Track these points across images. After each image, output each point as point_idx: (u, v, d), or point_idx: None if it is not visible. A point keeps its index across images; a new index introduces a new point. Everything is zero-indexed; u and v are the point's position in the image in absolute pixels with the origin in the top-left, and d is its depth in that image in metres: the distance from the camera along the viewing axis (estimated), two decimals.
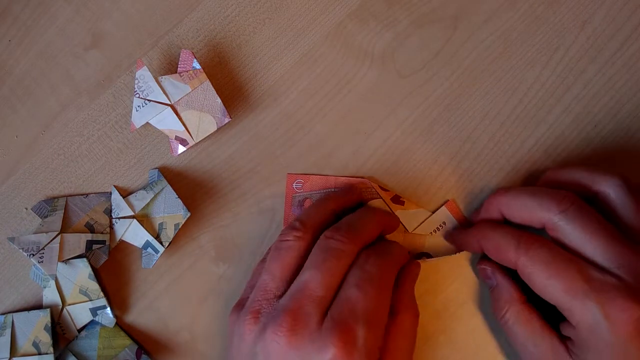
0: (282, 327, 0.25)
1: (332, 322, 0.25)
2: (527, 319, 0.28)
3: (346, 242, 0.27)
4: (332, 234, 0.28)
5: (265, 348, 0.26)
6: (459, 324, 0.32)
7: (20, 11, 0.35)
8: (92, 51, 0.35)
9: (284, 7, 0.35)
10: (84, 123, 0.34)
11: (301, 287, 0.26)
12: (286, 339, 0.25)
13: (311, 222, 0.29)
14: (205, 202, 0.34)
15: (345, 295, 0.26)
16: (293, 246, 0.28)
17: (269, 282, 0.28)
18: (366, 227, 0.29)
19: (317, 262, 0.27)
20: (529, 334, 0.28)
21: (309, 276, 0.26)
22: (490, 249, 0.29)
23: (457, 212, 0.33)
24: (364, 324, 0.25)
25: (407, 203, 0.33)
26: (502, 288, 0.30)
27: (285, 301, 0.26)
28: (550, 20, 0.34)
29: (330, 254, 0.27)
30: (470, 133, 0.34)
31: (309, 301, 0.26)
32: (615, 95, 0.33)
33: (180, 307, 0.33)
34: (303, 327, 0.25)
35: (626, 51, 0.33)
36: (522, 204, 0.29)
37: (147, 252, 0.32)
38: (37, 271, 0.33)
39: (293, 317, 0.25)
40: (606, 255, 0.26)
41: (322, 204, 0.31)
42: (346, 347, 0.24)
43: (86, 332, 0.32)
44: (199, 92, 0.32)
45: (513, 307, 0.29)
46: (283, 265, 0.28)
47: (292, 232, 0.29)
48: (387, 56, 0.34)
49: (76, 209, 0.33)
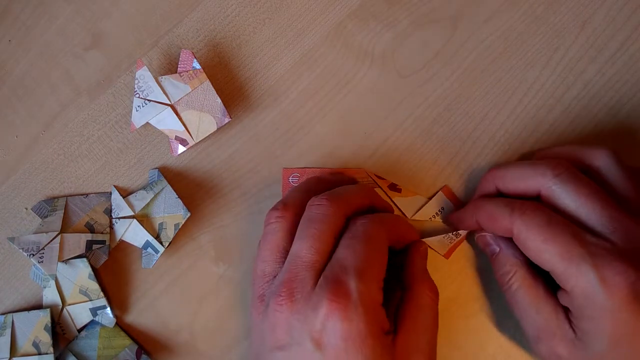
0: (281, 297, 0.25)
1: (325, 280, 0.25)
2: (532, 283, 0.28)
3: (328, 205, 0.27)
4: (313, 201, 0.28)
5: (270, 322, 0.26)
6: (459, 324, 0.32)
7: (20, 11, 0.35)
8: (92, 51, 0.35)
9: (284, 7, 0.35)
10: (84, 123, 0.34)
11: (292, 258, 0.26)
12: (287, 306, 0.25)
13: (292, 201, 0.29)
14: (205, 202, 0.34)
15: (336, 257, 0.26)
16: (276, 227, 0.28)
17: (264, 267, 0.28)
18: (351, 195, 0.29)
19: (303, 231, 0.27)
20: (533, 299, 0.27)
21: (298, 245, 0.27)
22: (485, 220, 0.29)
23: (454, 197, 0.33)
24: (355, 277, 0.25)
25: (404, 190, 0.33)
26: (506, 252, 0.29)
27: (280, 275, 0.26)
28: (550, 20, 0.34)
29: (314, 219, 0.27)
30: (470, 133, 0.34)
31: (302, 268, 0.26)
32: (615, 95, 0.33)
33: (180, 307, 0.33)
34: (300, 292, 0.25)
35: (626, 51, 0.33)
36: (516, 173, 0.29)
37: (147, 252, 0.32)
38: (37, 271, 0.33)
39: (289, 285, 0.25)
40: (601, 219, 0.26)
41: (304, 184, 0.31)
42: (340, 300, 0.24)
43: (86, 332, 0.32)
44: (199, 92, 0.32)
45: (519, 270, 0.28)
46: (272, 248, 0.28)
47: (274, 214, 0.29)
48: (387, 56, 0.34)
49: (76, 209, 0.33)
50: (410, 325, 0.27)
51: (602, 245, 0.25)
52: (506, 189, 0.29)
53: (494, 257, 0.30)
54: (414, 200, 0.33)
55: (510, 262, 0.29)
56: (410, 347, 0.26)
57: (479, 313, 0.32)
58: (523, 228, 0.27)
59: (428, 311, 0.28)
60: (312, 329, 0.24)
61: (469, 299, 0.33)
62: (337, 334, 0.24)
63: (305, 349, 0.24)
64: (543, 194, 0.28)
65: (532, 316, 0.27)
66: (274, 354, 0.25)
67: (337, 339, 0.24)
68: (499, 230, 0.28)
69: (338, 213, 0.27)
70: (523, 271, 0.28)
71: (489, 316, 0.32)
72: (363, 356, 0.24)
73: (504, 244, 0.30)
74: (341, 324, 0.24)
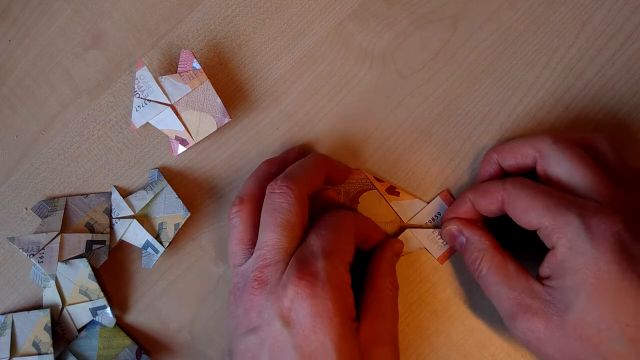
0: (256, 282, 0.26)
1: (294, 260, 0.26)
2: (501, 263, 0.28)
3: (287, 191, 0.27)
4: (272, 187, 0.28)
5: (243, 307, 0.26)
6: (458, 324, 0.32)
7: (20, 11, 0.35)
8: (92, 51, 0.35)
9: (284, 7, 0.35)
10: (84, 123, 0.34)
11: (262, 246, 0.27)
12: (260, 290, 0.26)
13: (246, 191, 0.30)
14: (205, 202, 0.34)
15: (305, 242, 0.27)
16: (236, 222, 0.29)
17: (234, 260, 0.29)
18: (306, 171, 0.29)
19: (269, 221, 0.27)
20: (503, 277, 0.28)
21: (267, 235, 0.27)
22: (478, 196, 0.30)
23: (452, 202, 0.33)
24: (322, 257, 0.26)
25: (402, 194, 0.33)
26: (473, 239, 0.30)
27: (252, 262, 0.27)
28: (550, 20, 0.34)
29: (278, 209, 0.27)
30: (470, 133, 0.34)
31: (272, 253, 0.27)
32: (615, 95, 0.33)
33: (180, 307, 0.33)
34: (272, 275, 0.26)
35: (626, 51, 0.33)
36: (516, 142, 0.30)
37: (147, 252, 0.32)
38: (37, 271, 0.33)
39: (261, 271, 0.26)
40: (593, 187, 0.26)
41: (256, 171, 0.32)
42: (307, 277, 0.25)
43: (86, 332, 0.32)
44: (199, 92, 0.32)
45: (487, 253, 0.29)
46: (237, 242, 0.29)
47: (232, 210, 0.29)
48: (387, 56, 0.34)
49: (76, 209, 0.33)
50: (373, 315, 0.27)
51: (590, 202, 0.26)
52: (505, 162, 0.30)
53: (463, 248, 0.30)
54: (412, 204, 0.33)
55: (478, 247, 0.29)
56: (373, 335, 0.27)
57: (479, 313, 0.32)
58: (513, 191, 0.28)
59: (389, 302, 0.28)
60: (281, 307, 0.25)
61: (468, 299, 0.33)
62: (304, 310, 0.24)
63: (275, 328, 0.25)
64: (539, 160, 0.29)
65: (505, 294, 0.27)
66: (247, 336, 0.26)
67: (305, 316, 0.24)
68: (491, 203, 0.29)
69: (300, 197, 0.28)
70: (490, 253, 0.29)
71: (489, 316, 0.32)
72: (330, 334, 0.24)
73: (470, 232, 0.30)
74: (309, 301, 0.24)
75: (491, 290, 0.28)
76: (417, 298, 0.32)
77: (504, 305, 0.27)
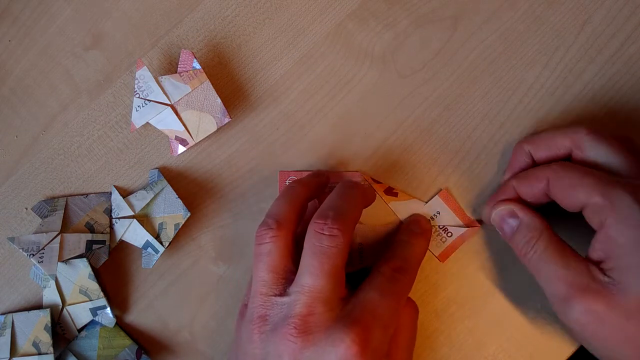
0: (295, 328, 0.25)
1: (351, 319, 0.26)
2: (559, 243, 0.28)
3: (339, 234, 0.27)
4: (321, 227, 0.27)
5: (277, 348, 0.26)
6: (459, 324, 0.32)
7: (20, 11, 0.35)
8: (92, 51, 0.35)
9: (284, 7, 0.35)
10: (84, 123, 0.34)
11: (308, 292, 0.26)
12: (301, 337, 0.25)
13: (284, 217, 0.29)
14: (205, 202, 0.34)
15: (366, 297, 0.27)
16: (271, 248, 0.28)
17: (262, 288, 0.27)
18: (352, 208, 0.29)
19: (318, 266, 0.26)
20: (561, 257, 0.27)
21: (314, 281, 0.26)
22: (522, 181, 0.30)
23: (451, 200, 0.33)
24: (381, 327, 0.26)
25: (400, 194, 0.33)
26: (528, 220, 0.29)
27: (293, 305, 0.26)
28: (550, 20, 0.34)
29: (329, 255, 0.26)
30: (470, 133, 0.34)
31: (319, 302, 0.26)
32: (615, 95, 0.33)
33: (180, 307, 0.33)
34: (317, 325, 0.26)
35: (626, 51, 0.33)
36: (548, 135, 0.31)
37: (147, 252, 0.32)
38: (37, 271, 0.33)
39: (305, 319, 0.26)
40: (632, 169, 0.27)
41: (291, 192, 0.30)
42: (362, 343, 0.25)
43: (86, 332, 0.32)
44: (199, 92, 0.32)
45: (545, 232, 0.28)
46: (271, 270, 0.28)
47: (268, 234, 0.28)
48: (387, 56, 0.34)
49: (76, 209, 0.33)
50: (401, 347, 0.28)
51: (635, 181, 0.26)
52: (538, 152, 0.31)
53: (514, 231, 0.30)
54: (410, 204, 0.33)
55: (535, 226, 0.29)
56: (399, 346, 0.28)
57: (479, 313, 0.32)
58: (561, 169, 0.28)
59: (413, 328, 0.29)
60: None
61: (468, 299, 0.33)
62: None
63: None
64: (575, 150, 0.29)
65: (562, 275, 0.26)
66: None
67: None
68: (534, 183, 0.29)
69: (348, 240, 0.27)
70: (548, 232, 0.28)
71: (489, 316, 0.32)
72: None
73: (524, 213, 0.29)
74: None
75: (544, 271, 0.27)
76: (417, 298, 0.32)
77: (559, 287, 0.26)
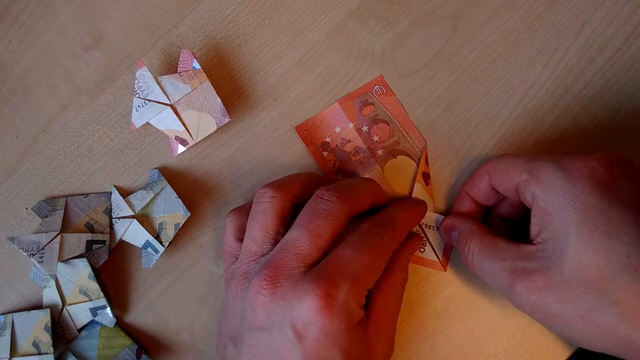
0: (266, 280, 0.26)
1: (317, 273, 0.25)
2: (491, 241, 0.28)
3: (336, 202, 0.27)
4: (322, 192, 0.28)
5: (251, 302, 0.26)
6: (459, 324, 0.32)
7: (20, 11, 0.35)
8: (92, 51, 0.35)
9: (284, 7, 0.35)
10: (84, 123, 0.34)
11: (286, 245, 0.26)
12: (269, 290, 0.25)
13: (288, 184, 0.29)
14: (205, 202, 0.34)
15: (337, 253, 0.26)
16: (267, 207, 0.28)
17: (252, 246, 0.28)
18: (358, 193, 0.29)
19: (305, 221, 0.27)
20: (494, 254, 0.27)
21: (295, 234, 0.26)
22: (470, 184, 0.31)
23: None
24: (350, 282, 0.25)
25: (430, 187, 0.33)
26: (462, 229, 0.30)
27: (269, 257, 0.27)
28: (550, 20, 0.34)
29: (319, 214, 0.27)
30: (470, 133, 0.34)
31: (294, 257, 0.26)
32: (615, 95, 0.33)
33: (180, 307, 0.33)
34: (286, 279, 0.25)
35: (626, 51, 0.33)
36: None
37: (147, 252, 0.32)
38: (37, 271, 0.33)
39: (275, 271, 0.26)
40: None
41: (306, 173, 0.31)
42: (327, 298, 0.24)
43: (86, 332, 0.32)
44: (199, 92, 0.32)
45: (475, 236, 0.29)
46: (261, 228, 0.28)
47: (267, 193, 0.28)
48: (387, 56, 0.34)
49: (76, 209, 0.33)
50: (380, 309, 0.28)
51: None
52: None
53: (457, 243, 0.30)
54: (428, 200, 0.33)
55: (464, 232, 0.29)
56: (378, 330, 0.27)
57: (479, 313, 0.32)
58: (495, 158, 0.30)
59: (399, 296, 0.29)
60: (294, 317, 0.25)
61: (468, 299, 0.33)
62: (318, 328, 0.24)
63: (285, 335, 0.25)
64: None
65: (499, 268, 0.27)
66: (254, 333, 0.26)
67: (318, 332, 0.24)
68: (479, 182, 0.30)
69: (344, 212, 0.27)
70: (479, 235, 0.29)
71: (489, 316, 0.32)
72: (340, 349, 0.25)
73: (460, 222, 0.30)
74: (323, 321, 0.24)
75: (486, 272, 0.28)
76: (417, 298, 0.32)
77: (501, 279, 0.27)
